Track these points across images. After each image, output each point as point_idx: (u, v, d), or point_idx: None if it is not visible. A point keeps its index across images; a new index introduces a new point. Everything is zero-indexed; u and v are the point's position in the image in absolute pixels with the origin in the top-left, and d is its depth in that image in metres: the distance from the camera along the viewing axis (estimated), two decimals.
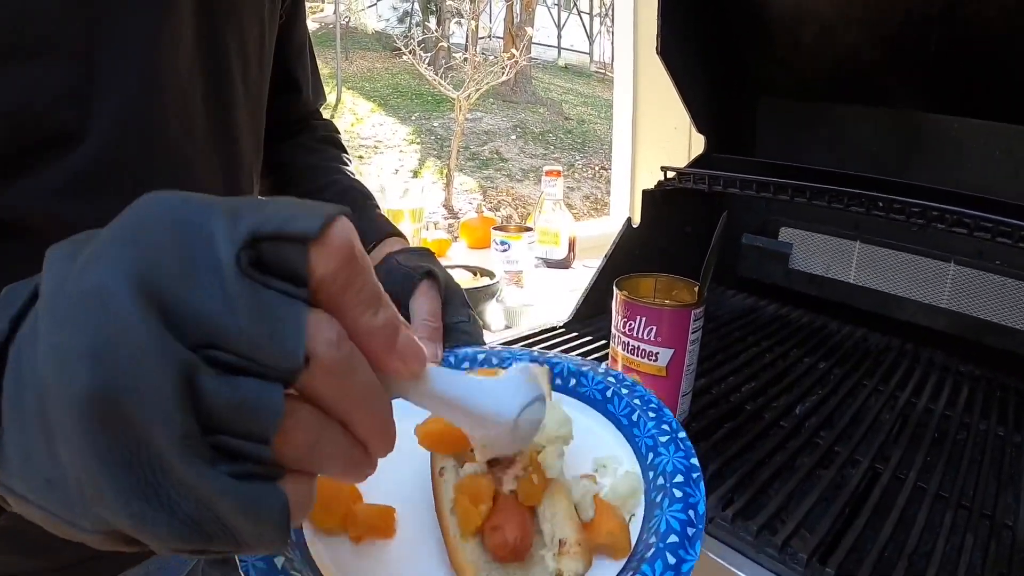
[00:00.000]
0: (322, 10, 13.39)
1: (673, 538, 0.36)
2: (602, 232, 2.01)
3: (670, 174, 1.05)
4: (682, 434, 0.44)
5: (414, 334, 0.28)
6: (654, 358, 0.66)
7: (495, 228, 1.36)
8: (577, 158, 9.83)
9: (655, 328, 0.65)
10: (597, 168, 9.41)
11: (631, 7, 1.95)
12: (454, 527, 0.39)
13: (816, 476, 0.65)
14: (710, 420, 0.75)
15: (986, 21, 0.86)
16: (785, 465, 0.67)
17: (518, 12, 10.95)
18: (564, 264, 1.53)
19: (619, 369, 0.70)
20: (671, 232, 1.11)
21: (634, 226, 1.04)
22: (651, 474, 0.43)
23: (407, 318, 0.59)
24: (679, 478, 0.40)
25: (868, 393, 0.85)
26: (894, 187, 0.85)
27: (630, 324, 0.67)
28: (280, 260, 0.23)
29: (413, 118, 10.15)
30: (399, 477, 0.42)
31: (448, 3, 9.98)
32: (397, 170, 8.86)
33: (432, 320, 0.58)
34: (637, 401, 0.49)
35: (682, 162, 1.13)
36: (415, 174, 8.81)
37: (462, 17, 9.89)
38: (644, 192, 1.07)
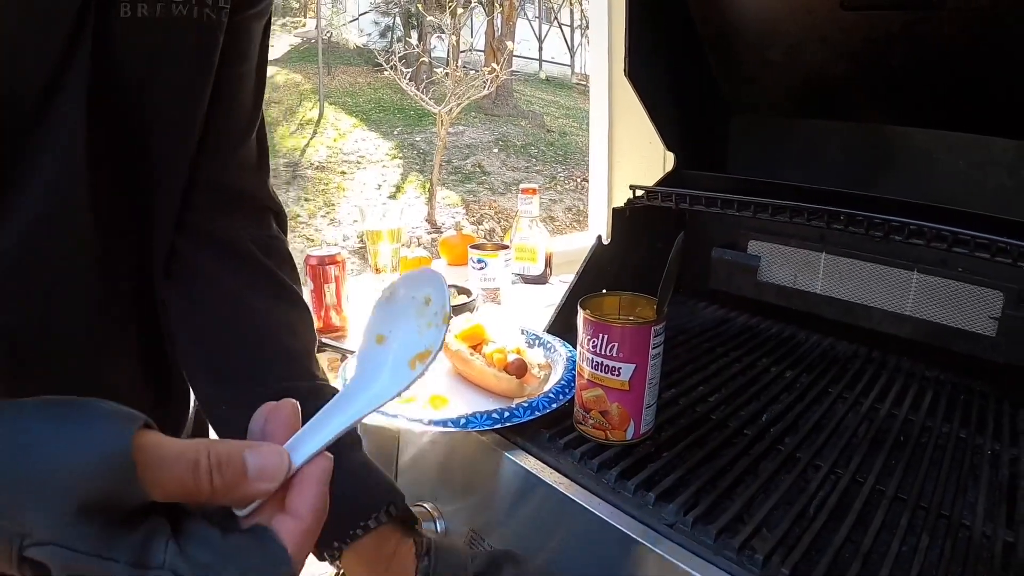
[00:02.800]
0: (304, 25, 13.43)
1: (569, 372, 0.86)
2: (580, 247, 2.03)
3: (639, 192, 1.08)
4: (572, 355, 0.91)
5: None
6: (617, 373, 0.69)
7: (472, 246, 1.37)
8: (559, 170, 9.88)
9: (616, 345, 0.68)
10: (579, 180, 9.45)
11: (606, 25, 1.98)
12: (490, 368, 0.83)
13: (777, 481, 0.67)
14: (677, 429, 0.77)
15: (945, 37, 0.88)
16: (747, 471, 0.69)
17: (499, 26, 11.02)
18: (541, 280, 1.55)
19: (584, 383, 0.72)
20: (642, 249, 1.12)
21: (605, 243, 1.06)
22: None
23: None
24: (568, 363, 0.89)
25: (833, 399, 0.87)
26: (858, 200, 0.87)
27: (593, 341, 0.69)
28: None
29: (395, 133, 10.17)
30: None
31: (429, 18, 10.03)
32: (380, 185, 8.87)
33: None
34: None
35: (658, 176, 1.15)
36: (398, 189, 8.82)
37: (443, 32, 9.94)
38: (614, 210, 1.09)
